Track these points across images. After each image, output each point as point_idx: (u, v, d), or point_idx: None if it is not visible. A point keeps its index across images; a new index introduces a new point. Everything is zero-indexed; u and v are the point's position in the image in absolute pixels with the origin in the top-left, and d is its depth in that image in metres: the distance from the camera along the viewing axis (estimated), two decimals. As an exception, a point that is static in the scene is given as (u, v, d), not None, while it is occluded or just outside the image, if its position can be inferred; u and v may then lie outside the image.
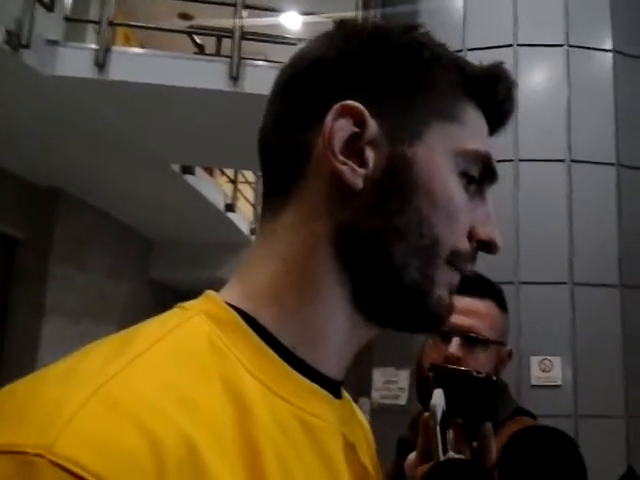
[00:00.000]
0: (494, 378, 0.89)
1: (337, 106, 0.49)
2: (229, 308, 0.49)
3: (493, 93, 0.54)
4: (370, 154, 0.50)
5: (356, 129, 0.50)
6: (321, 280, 0.50)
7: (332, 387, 0.52)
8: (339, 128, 0.49)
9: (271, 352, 0.48)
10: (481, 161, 0.53)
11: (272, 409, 0.45)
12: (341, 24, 0.55)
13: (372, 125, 0.50)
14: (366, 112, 0.50)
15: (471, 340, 1.26)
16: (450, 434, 0.85)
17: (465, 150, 0.52)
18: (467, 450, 0.87)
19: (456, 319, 1.28)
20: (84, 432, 0.36)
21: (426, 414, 0.89)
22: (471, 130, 0.53)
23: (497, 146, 0.57)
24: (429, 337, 1.31)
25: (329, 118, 0.49)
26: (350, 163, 0.49)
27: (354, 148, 0.50)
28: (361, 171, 0.50)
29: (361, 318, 0.52)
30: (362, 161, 0.50)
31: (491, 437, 0.86)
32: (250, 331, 0.48)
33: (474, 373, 0.89)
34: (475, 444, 0.87)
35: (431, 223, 0.50)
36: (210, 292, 0.51)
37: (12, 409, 0.38)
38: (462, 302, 1.29)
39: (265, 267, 0.51)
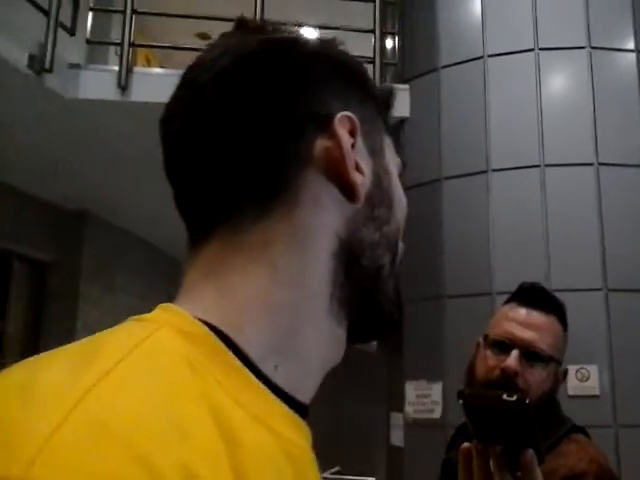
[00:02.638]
0: (527, 401, 0.81)
1: (341, 116, 0.48)
2: (201, 324, 0.43)
3: (389, 109, 0.57)
4: (363, 165, 0.49)
5: (352, 140, 0.48)
6: (317, 294, 0.47)
7: (302, 412, 0.47)
8: (345, 138, 0.48)
9: (252, 376, 0.43)
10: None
11: (259, 441, 0.40)
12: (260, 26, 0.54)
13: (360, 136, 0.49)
14: (359, 123, 0.49)
15: (531, 355, 1.20)
16: (491, 465, 0.81)
17: (398, 160, 0.55)
18: None
19: (517, 331, 1.21)
20: (65, 459, 0.30)
21: (466, 444, 0.84)
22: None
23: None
24: (486, 346, 1.25)
25: (339, 128, 0.47)
26: (358, 174, 0.48)
27: None
28: (365, 182, 0.49)
29: (341, 334, 0.49)
30: (360, 172, 0.49)
31: (534, 464, 0.80)
32: (228, 352, 0.42)
33: (504, 396, 0.81)
34: (519, 473, 0.81)
35: (402, 228, 0.53)
36: (167, 304, 0.46)
37: None
38: (526, 314, 1.23)
39: (250, 278, 0.46)
